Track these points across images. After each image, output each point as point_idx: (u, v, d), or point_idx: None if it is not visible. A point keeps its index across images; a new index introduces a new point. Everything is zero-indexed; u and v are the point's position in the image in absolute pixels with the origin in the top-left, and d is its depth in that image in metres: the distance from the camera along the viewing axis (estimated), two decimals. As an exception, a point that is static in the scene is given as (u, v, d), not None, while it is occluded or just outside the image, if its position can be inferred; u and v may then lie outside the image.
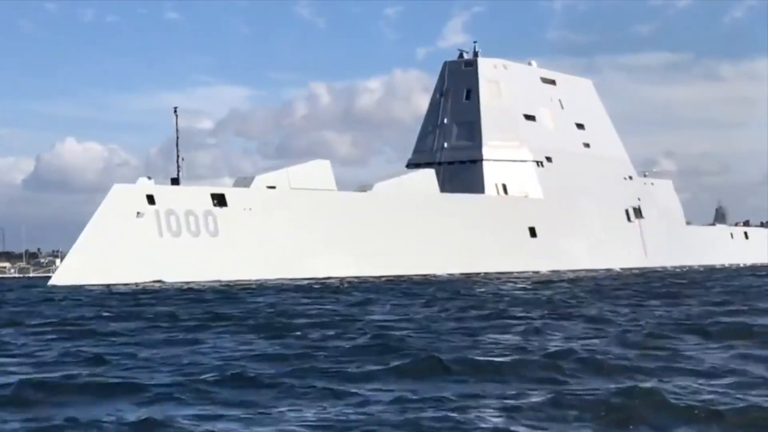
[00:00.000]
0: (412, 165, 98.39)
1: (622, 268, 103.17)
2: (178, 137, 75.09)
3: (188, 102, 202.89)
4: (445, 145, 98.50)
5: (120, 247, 68.10)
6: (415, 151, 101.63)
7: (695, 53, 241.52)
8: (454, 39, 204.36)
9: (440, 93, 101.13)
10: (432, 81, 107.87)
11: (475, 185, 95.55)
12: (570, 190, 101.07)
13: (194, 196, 73.19)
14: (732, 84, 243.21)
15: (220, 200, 74.03)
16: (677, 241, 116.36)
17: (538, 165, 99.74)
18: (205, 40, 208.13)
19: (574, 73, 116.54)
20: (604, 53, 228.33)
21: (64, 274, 66.63)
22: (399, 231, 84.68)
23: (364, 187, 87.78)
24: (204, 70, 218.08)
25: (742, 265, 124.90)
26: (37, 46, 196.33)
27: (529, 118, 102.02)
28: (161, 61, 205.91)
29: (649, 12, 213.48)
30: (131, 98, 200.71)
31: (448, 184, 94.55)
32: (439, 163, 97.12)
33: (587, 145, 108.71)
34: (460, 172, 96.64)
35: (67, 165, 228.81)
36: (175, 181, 74.77)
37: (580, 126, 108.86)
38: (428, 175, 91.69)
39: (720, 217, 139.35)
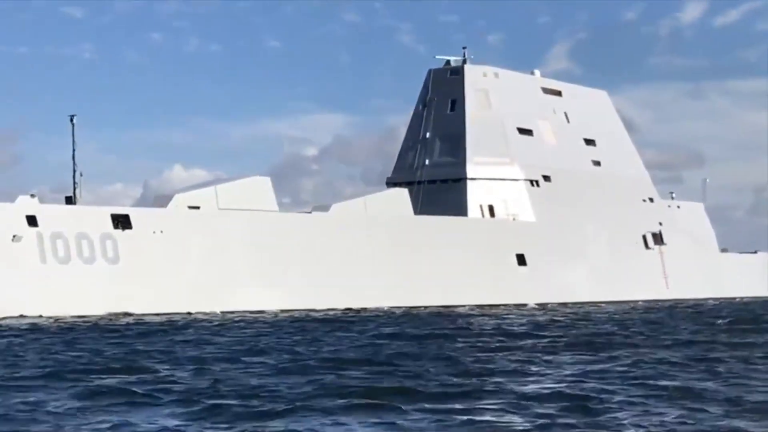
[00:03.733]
0: (391, 184, 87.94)
1: (638, 301, 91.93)
2: (74, 149, 65.78)
3: (290, 129, 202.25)
4: (427, 161, 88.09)
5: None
6: (395, 168, 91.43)
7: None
8: (557, 65, 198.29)
9: (423, 104, 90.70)
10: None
11: (458, 207, 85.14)
12: (571, 212, 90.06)
13: (89, 216, 63.46)
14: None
15: (123, 222, 64.28)
16: (707, 271, 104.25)
17: (532, 184, 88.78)
18: (306, 68, 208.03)
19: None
20: (711, 78, 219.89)
21: None
22: (355, 259, 74.54)
23: (320, 208, 77.76)
24: (305, 97, 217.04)
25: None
26: (143, 77, 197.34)
27: (525, 132, 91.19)
28: (263, 89, 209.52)
29: (756, 37, 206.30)
30: (235, 125, 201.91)
31: (428, 205, 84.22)
32: (420, 182, 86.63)
33: (597, 163, 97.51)
34: (442, 191, 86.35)
35: (174, 191, 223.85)
36: (69, 200, 65.16)
37: (589, 142, 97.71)
38: (400, 194, 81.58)
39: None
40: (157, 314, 62.06)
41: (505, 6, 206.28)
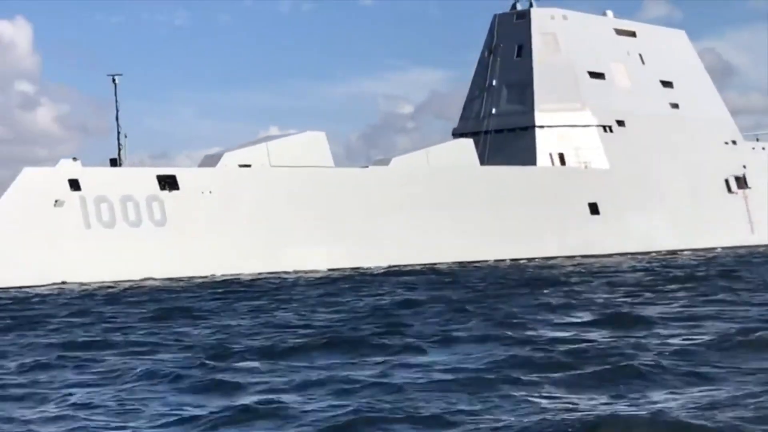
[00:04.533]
0: (458, 135, 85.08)
1: (723, 248, 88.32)
2: (117, 111, 63.94)
3: (386, 88, 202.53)
4: (494, 110, 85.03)
5: (30, 242, 57.17)
6: (462, 118, 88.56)
7: None
8: (658, 11, 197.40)
9: (489, 50, 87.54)
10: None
11: (527, 156, 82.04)
12: (647, 158, 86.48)
13: (134, 179, 61.69)
14: None
15: (169, 183, 62.47)
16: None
17: (605, 130, 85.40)
18: (399, 25, 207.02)
19: None
20: None
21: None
22: (420, 212, 72.01)
23: (380, 162, 75.42)
24: (399, 54, 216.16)
25: None
26: (236, 40, 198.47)
27: (596, 75, 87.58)
28: (357, 48, 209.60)
29: None
30: (329, 86, 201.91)
31: (496, 156, 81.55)
32: (487, 132, 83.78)
33: (675, 106, 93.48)
34: (510, 141, 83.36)
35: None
36: (114, 163, 63.44)
37: (666, 84, 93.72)
38: (464, 145, 78.70)
39: None
40: (205, 276, 60.59)
41: None
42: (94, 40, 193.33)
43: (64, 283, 56.49)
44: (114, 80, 64.38)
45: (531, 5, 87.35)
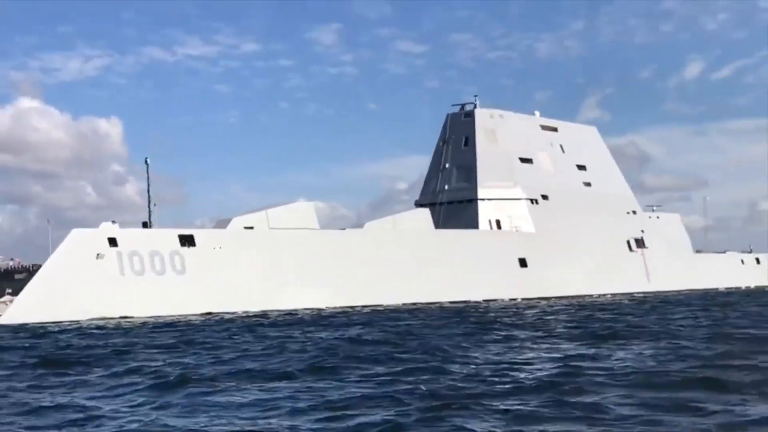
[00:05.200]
0: (419, 205, 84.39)
1: (624, 293, 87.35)
2: (149, 184, 63.07)
3: (387, 169, 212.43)
4: (446, 187, 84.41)
5: (77, 286, 56.13)
6: (422, 192, 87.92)
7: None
8: (590, 114, 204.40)
9: (443, 141, 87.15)
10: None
11: (471, 222, 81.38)
12: (565, 223, 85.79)
13: (160, 237, 60.74)
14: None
15: (188, 241, 61.56)
16: (683, 268, 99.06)
17: (532, 202, 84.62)
18: (396, 121, 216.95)
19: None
20: (711, 120, 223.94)
21: (11, 315, 54.70)
22: (387, 265, 71.03)
23: (357, 226, 74.58)
24: (397, 145, 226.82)
25: (745, 287, 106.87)
26: (274, 133, 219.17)
27: (526, 161, 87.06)
28: (366, 140, 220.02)
29: (745, 87, 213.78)
30: (346, 167, 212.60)
31: (447, 221, 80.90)
32: (441, 203, 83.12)
33: (588, 184, 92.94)
34: (458, 210, 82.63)
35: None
36: (145, 225, 62.51)
37: (581, 167, 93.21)
38: (423, 213, 78.10)
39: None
40: (214, 313, 59.44)
41: (549, 69, 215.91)
42: (169, 133, 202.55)
43: (103, 318, 55.36)
44: (146, 162, 63.57)
45: (475, 107, 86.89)
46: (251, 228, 65.49)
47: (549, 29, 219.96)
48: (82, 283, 56.31)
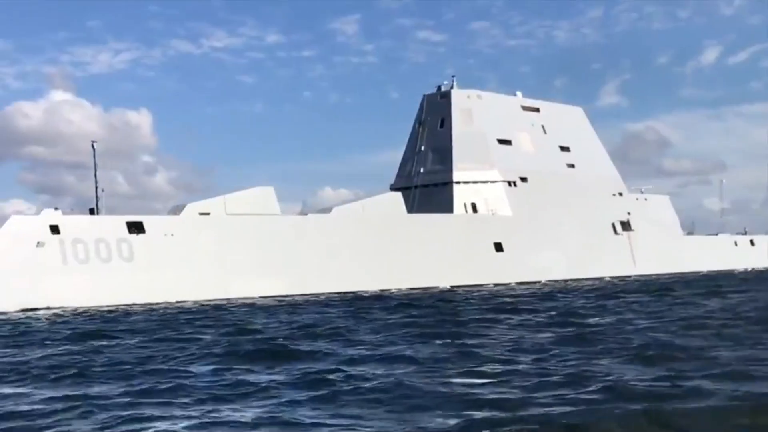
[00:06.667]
0: (395, 189, 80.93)
1: (610, 277, 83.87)
2: (96, 170, 59.92)
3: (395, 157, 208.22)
4: (421, 170, 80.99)
5: (15, 275, 53.18)
6: (397, 176, 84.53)
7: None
8: (609, 100, 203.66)
9: (419, 123, 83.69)
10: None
11: (446, 206, 77.91)
12: (545, 206, 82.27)
13: (106, 224, 57.70)
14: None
15: (137, 228, 58.51)
16: (671, 251, 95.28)
17: (509, 185, 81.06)
18: (413, 110, 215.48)
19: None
20: (727, 104, 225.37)
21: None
22: (354, 251, 67.79)
23: (323, 211, 71.28)
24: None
25: (742, 269, 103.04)
26: (297, 121, 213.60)
27: (504, 142, 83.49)
28: (385, 127, 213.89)
29: (761, 71, 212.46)
30: (367, 155, 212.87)
31: (422, 206, 77.52)
32: (416, 187, 79.72)
33: (572, 166, 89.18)
34: (433, 194, 79.27)
35: (325, 206, 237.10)
36: (92, 212, 59.42)
37: (564, 149, 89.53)
38: (394, 197, 74.49)
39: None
40: (168, 302, 56.46)
41: (567, 55, 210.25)
42: (196, 123, 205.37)
43: (47, 308, 52.47)
44: (93, 146, 60.46)
45: (452, 88, 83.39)
46: (207, 214, 62.39)
47: (566, 17, 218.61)
48: (21, 273, 53.39)
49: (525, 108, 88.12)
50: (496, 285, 72.78)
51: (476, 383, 17.89)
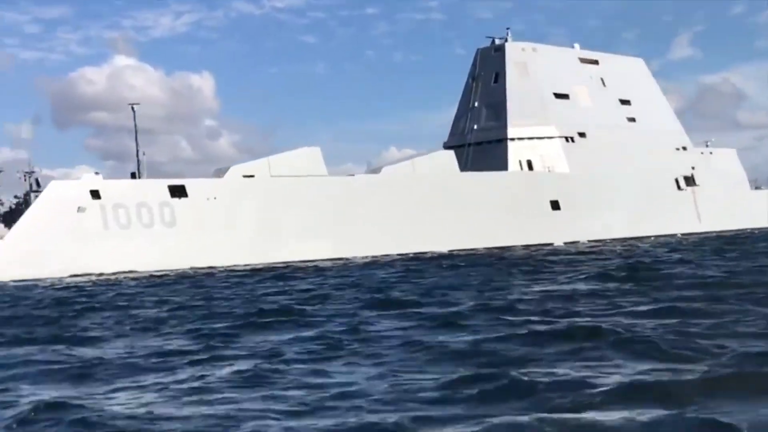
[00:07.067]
0: (448, 147, 78.56)
1: (671, 234, 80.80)
2: (137, 132, 58.72)
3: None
4: (475, 127, 78.40)
5: (56, 241, 52.30)
6: (450, 134, 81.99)
7: None
8: (681, 53, 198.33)
9: (472, 78, 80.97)
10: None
11: (500, 163, 75.32)
12: (604, 162, 79.03)
13: (148, 188, 56.51)
14: None
15: (179, 192, 57.23)
16: (738, 206, 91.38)
17: (567, 141, 78.15)
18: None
19: None
20: None
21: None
22: (403, 212, 65.95)
23: (373, 171, 69.42)
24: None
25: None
26: (362, 81, 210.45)
27: (561, 96, 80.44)
28: (454, 85, 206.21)
29: None
30: (435, 115, 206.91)
31: (476, 164, 75.07)
32: (469, 145, 77.26)
33: (632, 120, 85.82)
34: (487, 151, 76.69)
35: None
36: (134, 176, 58.32)
37: (625, 102, 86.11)
38: (446, 155, 72.33)
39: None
40: (211, 267, 55.25)
41: (637, 8, 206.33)
42: (259, 85, 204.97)
43: (86, 274, 51.62)
44: (133, 108, 59.20)
45: (506, 41, 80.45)
46: (251, 176, 60.88)
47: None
48: (62, 239, 52.50)
49: (583, 60, 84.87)
50: (547, 245, 70.35)
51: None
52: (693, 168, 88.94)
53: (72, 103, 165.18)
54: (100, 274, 51.97)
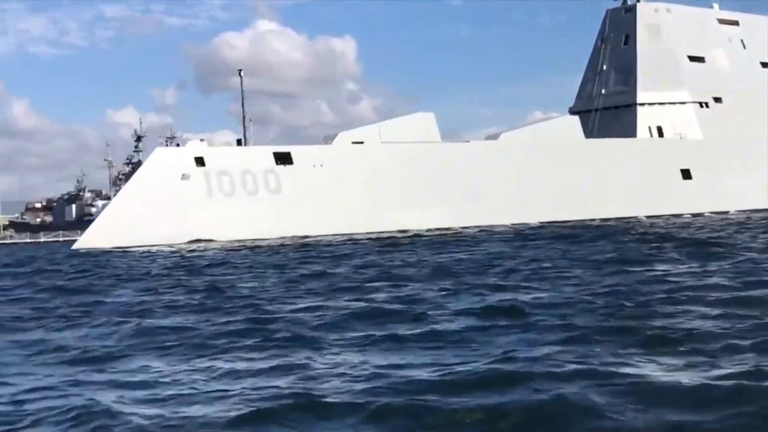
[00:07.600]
0: (574, 113, 74.94)
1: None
2: (243, 99, 57.78)
3: None
4: (603, 91, 74.39)
5: (160, 208, 51.86)
6: (577, 98, 78.07)
7: None
8: None
9: (601, 40, 76.81)
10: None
11: (629, 130, 71.35)
12: (741, 129, 73.76)
13: (252, 155, 55.45)
14: None
15: (285, 159, 55.98)
16: None
17: (701, 106, 73.33)
18: None
19: None
20: None
21: (87, 239, 51.26)
22: (520, 180, 63.15)
23: (491, 137, 66.70)
24: None
25: None
26: (507, 46, 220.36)
27: (696, 59, 75.53)
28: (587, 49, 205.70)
29: None
30: (569, 78, 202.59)
31: (603, 130, 71.41)
32: (596, 110, 73.44)
33: (774, 84, 79.76)
34: (615, 117, 72.81)
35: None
36: (240, 143, 57.34)
37: (766, 65, 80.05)
38: (570, 121, 68.93)
39: None
40: (318, 235, 53.78)
41: None
42: (401, 49, 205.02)
43: (192, 241, 50.99)
44: (240, 74, 58.29)
45: (638, 1, 75.89)
46: (361, 143, 59.09)
47: None
48: (166, 206, 52.01)
49: (722, 21, 79.43)
50: (677, 215, 66.09)
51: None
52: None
53: (216, 68, 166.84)
54: (209, 240, 51.23)
